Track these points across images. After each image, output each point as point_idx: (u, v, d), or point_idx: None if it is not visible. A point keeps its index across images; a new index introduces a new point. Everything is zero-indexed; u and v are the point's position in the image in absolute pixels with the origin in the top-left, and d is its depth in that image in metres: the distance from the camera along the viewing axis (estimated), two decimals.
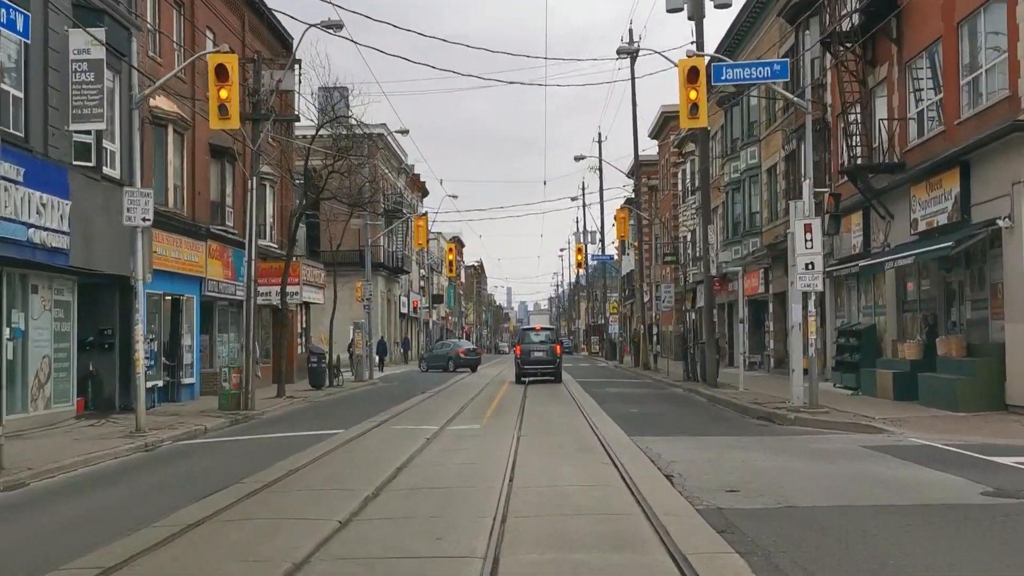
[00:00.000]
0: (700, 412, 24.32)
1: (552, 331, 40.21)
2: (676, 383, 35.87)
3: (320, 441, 18.06)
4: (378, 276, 65.55)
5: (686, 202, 57.50)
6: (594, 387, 35.32)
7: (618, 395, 30.98)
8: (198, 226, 31.03)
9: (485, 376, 47.22)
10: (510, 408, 25.55)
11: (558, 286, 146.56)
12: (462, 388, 36.94)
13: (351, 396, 34.23)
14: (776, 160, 38.00)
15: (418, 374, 53.53)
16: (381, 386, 41.81)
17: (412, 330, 76.12)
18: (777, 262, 37.67)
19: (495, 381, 41.48)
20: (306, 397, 32.15)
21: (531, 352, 38.25)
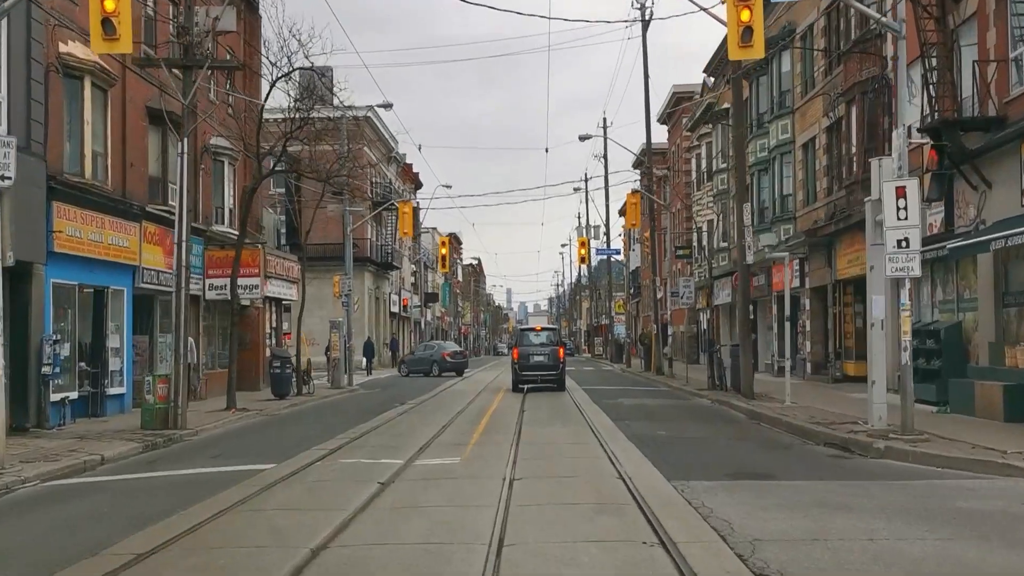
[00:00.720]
0: (747, 436, 18.84)
1: (554, 331, 34.76)
2: (699, 392, 30.42)
3: (232, 485, 12.64)
4: (364, 271, 60.13)
5: (701, 189, 52.02)
6: (604, 397, 29.88)
7: (635, 408, 25.52)
8: (129, 204, 25.56)
9: (478, 382, 41.77)
10: (503, 428, 20.08)
11: (558, 286, 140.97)
12: (450, 398, 31.47)
13: (316, 408, 28.76)
14: (815, 132, 32.54)
15: (409, 380, 48.02)
16: (360, 394, 36.36)
17: (403, 330, 70.64)
18: (816, 251, 32.20)
19: (489, 388, 36.02)
20: (262, 410, 26.68)
21: (530, 356, 32.82)
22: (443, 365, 49.88)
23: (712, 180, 48.29)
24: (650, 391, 33.50)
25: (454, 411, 25.03)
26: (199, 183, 31.58)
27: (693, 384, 34.03)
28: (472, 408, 26.23)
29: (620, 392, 32.76)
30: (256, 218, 36.95)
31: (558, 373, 32.74)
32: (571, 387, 34.36)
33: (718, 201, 47.39)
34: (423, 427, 20.58)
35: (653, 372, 43.83)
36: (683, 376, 39.40)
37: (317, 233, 60.94)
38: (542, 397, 30.15)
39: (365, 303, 60.03)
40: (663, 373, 42.30)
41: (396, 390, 37.69)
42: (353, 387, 39.25)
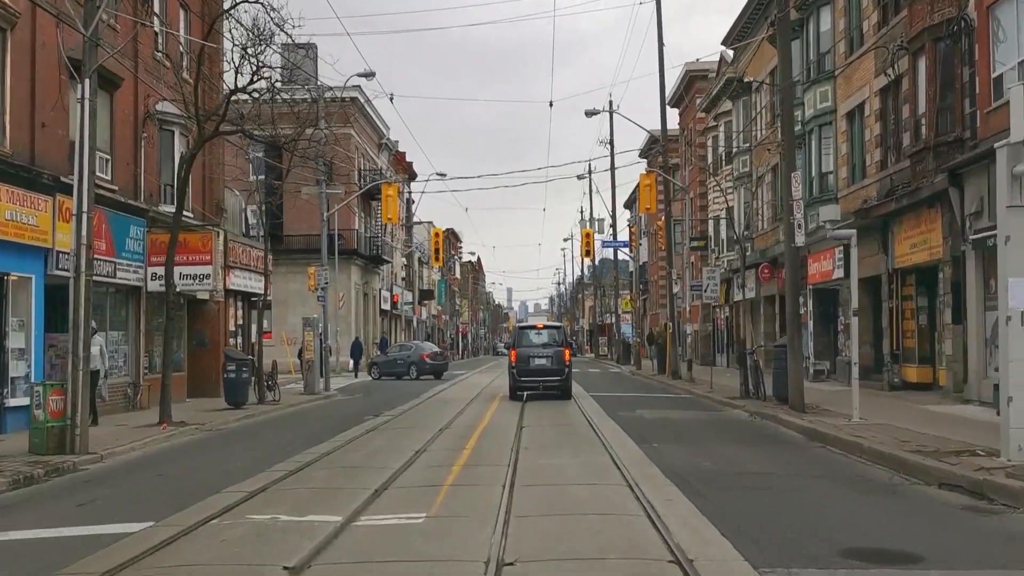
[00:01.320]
0: (824, 469, 13.91)
1: (558, 330, 29.80)
2: (731, 401, 25.51)
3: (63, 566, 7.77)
4: (351, 265, 55.22)
5: (719, 174, 47.09)
6: (618, 407, 25.00)
7: (661, 425, 20.60)
8: (38, 172, 20.64)
9: (471, 386, 36.84)
10: (494, 456, 15.17)
11: (559, 284, 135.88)
12: (435, 407, 26.56)
13: (272, 422, 23.83)
14: (864, 97, 27.61)
15: (391, 384, 43.08)
16: (334, 402, 31.47)
17: (395, 329, 65.72)
18: (865, 235, 27.22)
19: (483, 396, 31.11)
20: (204, 424, 21.76)
21: (530, 358, 27.90)
22: (421, 367, 45.03)
23: (732, 163, 43.37)
24: (671, 400, 28.55)
25: (436, 427, 20.12)
26: (140, 154, 26.70)
27: (720, 391, 29.11)
28: (459, 423, 21.29)
29: (636, 401, 27.84)
30: (216, 199, 32.08)
31: (563, 379, 27.84)
32: (578, 394, 29.45)
33: (739, 186, 42.49)
34: (390, 453, 15.68)
35: (668, 376, 38.90)
36: (705, 381, 34.47)
37: (300, 224, 56.17)
38: (545, 407, 25.27)
39: (352, 299, 55.12)
40: (680, 377, 37.38)
41: (378, 396, 32.82)
42: (330, 392, 34.36)
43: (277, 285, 54.30)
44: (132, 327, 26.00)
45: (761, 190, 40.00)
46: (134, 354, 25.85)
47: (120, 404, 24.97)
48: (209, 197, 31.61)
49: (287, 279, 54.39)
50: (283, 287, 54.30)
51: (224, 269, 32.25)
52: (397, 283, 65.26)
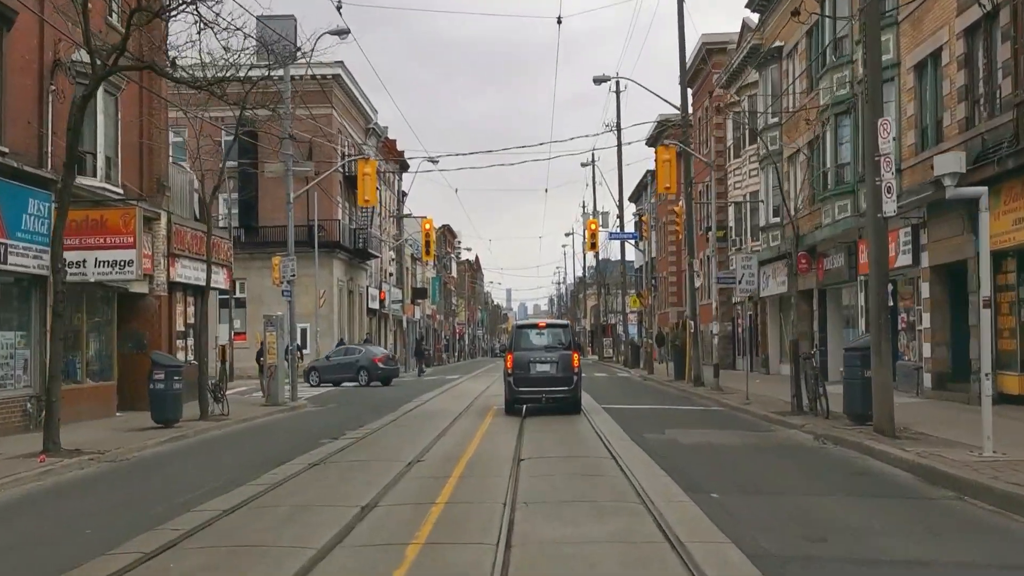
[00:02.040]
0: (1007, 551, 8.60)
1: (564, 329, 24.40)
2: (781, 418, 20.24)
3: None
4: (334, 259, 49.94)
5: (741, 155, 41.81)
6: (642, 425, 19.77)
7: (706, 455, 15.35)
8: None
9: (462, 395, 31.53)
10: (478, 520, 9.89)
11: (559, 284, 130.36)
12: (412, 427, 21.25)
13: (197, 448, 18.48)
14: (940, 43, 22.31)
15: (373, 392, 37.86)
16: (296, 416, 26.25)
17: (383, 330, 60.34)
18: (941, 213, 21.95)
19: (475, 408, 25.84)
20: (104, 453, 16.44)
21: (531, 364, 22.56)
22: (373, 372, 39.89)
23: (759, 140, 38.08)
24: (703, 415, 23.23)
25: (406, 457, 14.83)
26: (47, 112, 21.40)
27: (760, 403, 23.86)
28: (438, 452, 15.98)
29: (660, 416, 22.55)
30: (157, 175, 26.78)
31: (571, 390, 22.53)
32: (588, 406, 24.16)
33: (766, 167, 37.19)
34: (321, 512, 10.41)
35: (689, 382, 33.63)
36: (736, 390, 29.18)
37: (278, 214, 50.73)
38: (549, 426, 20.03)
39: (334, 297, 49.84)
40: (703, 384, 32.09)
41: (351, 408, 27.61)
42: (296, 402, 29.09)
43: (251, 281, 49.10)
44: (36, 326, 20.69)
45: (794, 169, 34.72)
46: (37, 360, 20.53)
47: (17, 423, 19.69)
48: (148, 171, 26.32)
49: (263, 274, 49.02)
50: (258, 283, 49.05)
51: (169, 258, 27.05)
52: (387, 280, 59.97)
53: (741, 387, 30.69)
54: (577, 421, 21.27)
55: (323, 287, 47.95)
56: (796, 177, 34.46)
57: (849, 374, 17.63)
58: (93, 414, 22.78)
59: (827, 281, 30.55)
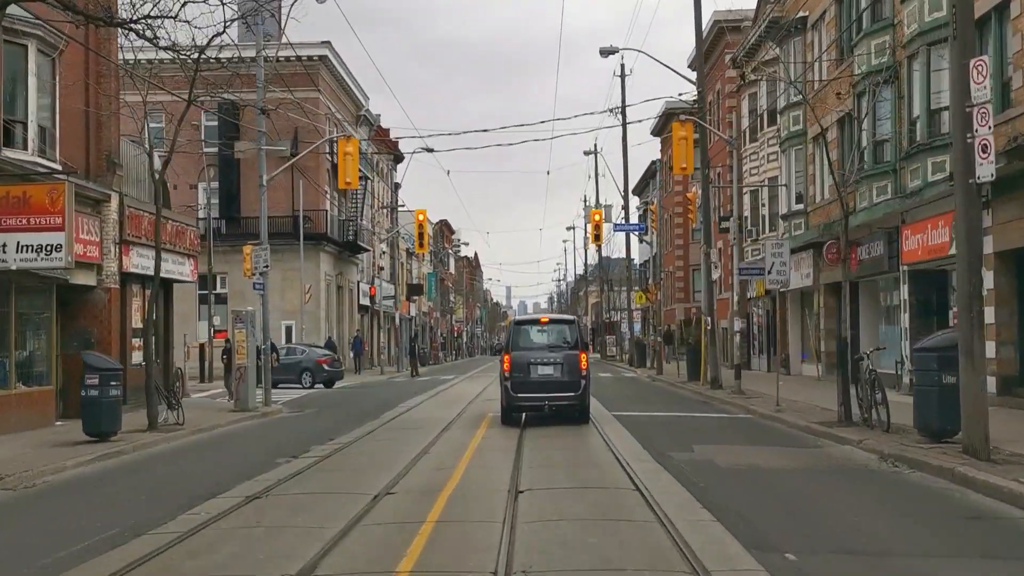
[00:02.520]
0: None
1: (569, 325, 20.83)
2: (827, 430, 17.01)
3: None
4: (320, 252, 46.65)
5: (758, 138, 38.54)
6: (663, 439, 16.55)
7: (753, 482, 12.08)
8: None
9: (457, 399, 28.23)
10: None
11: (559, 281, 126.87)
12: (391, 441, 17.95)
13: (123, 471, 15.12)
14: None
15: (352, 394, 34.63)
16: (265, 423, 23.03)
17: (375, 327, 56.93)
18: (1013, 187, 18.66)
19: (468, 416, 22.54)
20: (6, 479, 13.18)
21: (531, 366, 19.22)
22: (318, 374, 36.63)
23: (779, 120, 34.84)
24: (731, 424, 19.93)
25: (373, 487, 11.57)
26: None
27: (796, 411, 20.60)
28: (415, 479, 12.67)
29: (682, 426, 19.28)
30: (107, 151, 23.45)
31: (579, 395, 19.21)
32: (597, 413, 20.86)
33: (788, 149, 33.91)
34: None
35: (704, 384, 30.36)
36: (761, 393, 25.97)
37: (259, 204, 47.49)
38: (553, 441, 16.80)
39: (321, 292, 46.54)
40: (721, 386, 28.82)
41: (328, 415, 24.39)
42: (270, 408, 25.84)
43: (233, 275, 45.78)
44: None
45: (819, 151, 31.43)
46: None
47: None
48: (96, 146, 23.03)
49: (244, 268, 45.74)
50: (240, 277, 45.60)
51: (121, 245, 23.75)
52: (380, 276, 56.64)
53: (765, 390, 27.52)
54: (586, 433, 18.01)
55: (309, 282, 44.71)
56: (823, 159, 31.17)
57: (922, 380, 14.33)
58: (25, 424, 19.53)
59: (861, 272, 27.28)
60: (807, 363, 34.73)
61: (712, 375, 29.43)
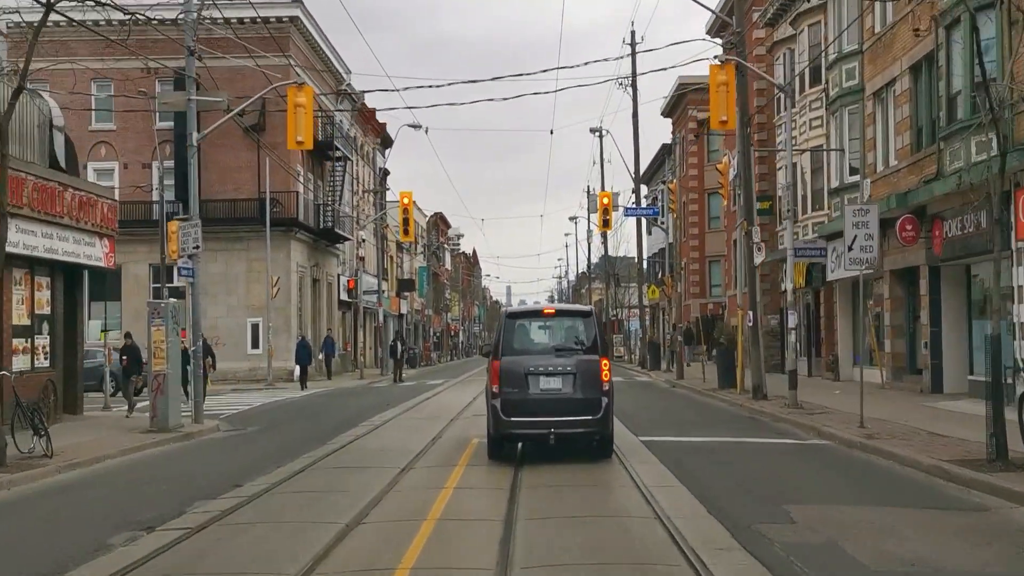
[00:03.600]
0: None
1: (584, 319, 14.32)
2: (976, 475, 11.12)
3: None
4: (291, 240, 40.71)
5: (798, 103, 32.55)
6: (734, 492, 10.76)
7: None
8: None
9: (439, 413, 22.16)
10: None
11: (562, 277, 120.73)
12: (326, 487, 11.98)
13: None
14: None
15: (331, 403, 28.74)
16: (183, 450, 17.21)
17: (356, 326, 50.76)
18: None
19: (447, 442, 16.52)
20: None
21: (531, 378, 13.23)
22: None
23: (828, 77, 28.87)
24: (817, 460, 13.90)
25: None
26: None
27: (895, 436, 14.69)
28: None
29: (749, 463, 13.35)
30: None
31: (598, 419, 13.18)
32: (618, 437, 14.86)
33: (839, 110, 27.95)
34: None
35: (742, 393, 24.47)
36: (826, 408, 20.07)
37: (225, 185, 41.53)
38: (561, 490, 11.11)
39: (292, 286, 40.59)
40: (765, 396, 22.90)
41: (271, 437, 18.70)
42: (202, 425, 19.97)
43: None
44: None
45: (882, 109, 25.50)
46: None
47: None
48: None
49: (206, 257, 39.41)
50: (200, 268, 39.48)
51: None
52: (364, 268, 50.55)
53: (823, 401, 21.68)
54: (611, 479, 12.14)
55: (278, 273, 38.78)
56: (887, 117, 25.22)
57: None
58: None
59: (949, 254, 21.31)
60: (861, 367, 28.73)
61: (754, 382, 23.48)
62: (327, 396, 30.95)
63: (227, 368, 39.37)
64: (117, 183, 39.98)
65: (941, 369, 22.40)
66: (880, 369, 25.53)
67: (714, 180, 51.59)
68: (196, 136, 21.77)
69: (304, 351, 38.02)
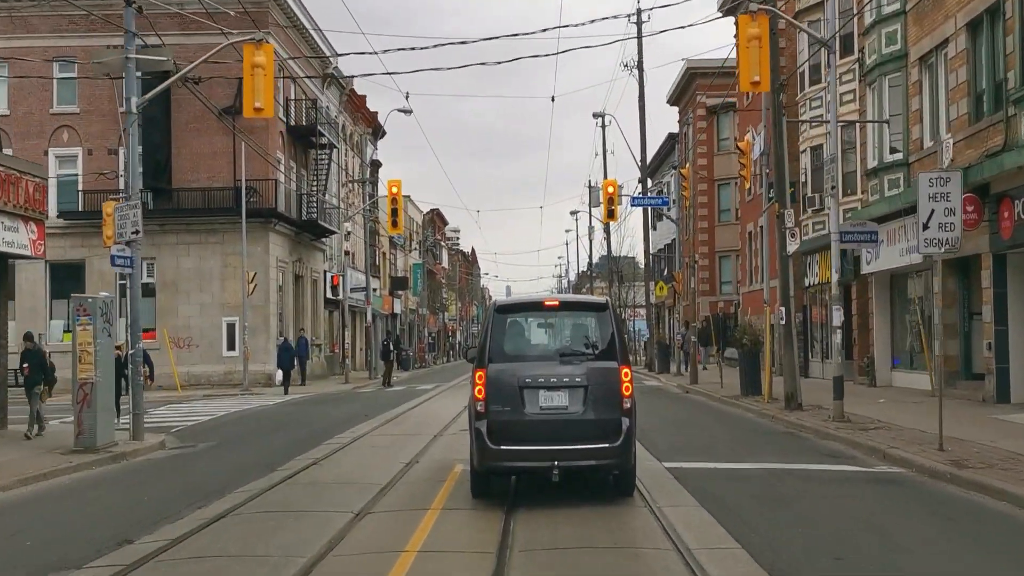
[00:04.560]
0: None
1: (598, 314, 10.89)
2: None
3: None
4: (270, 232, 37.36)
5: (822, 79, 29.17)
6: (824, 566, 7.20)
7: None
8: None
9: (421, 428, 18.75)
10: None
11: (561, 277, 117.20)
12: (244, 548, 8.53)
13: None
14: None
15: (305, 411, 25.42)
16: (112, 473, 14.06)
17: (340, 325, 47.24)
18: None
19: (419, 474, 13.13)
20: None
21: (527, 393, 9.99)
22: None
23: (866, 41, 25.49)
24: (916, 506, 10.45)
25: None
26: None
27: (978, 461, 11.36)
28: None
29: (823, 509, 9.99)
30: None
31: (617, 447, 9.80)
32: (644, 471, 11.49)
33: (878, 80, 24.57)
34: None
35: (770, 401, 21.16)
36: (883, 423, 16.72)
37: (199, 173, 37.86)
38: (568, 553, 7.47)
39: (271, 282, 37.20)
40: (800, 405, 19.61)
41: (218, 458, 15.63)
42: (142, 443, 16.73)
43: (163, 260, 36.49)
44: None
45: (929, 76, 22.14)
46: None
47: None
48: None
49: (177, 252, 36.56)
50: (172, 263, 36.55)
51: None
52: (353, 264, 47.14)
53: (871, 413, 18.30)
54: (634, 528, 8.91)
55: (255, 268, 35.39)
56: (939, 84, 21.86)
57: None
58: None
59: (1021, 239, 17.96)
60: (902, 370, 25.44)
61: (787, 390, 20.13)
62: (303, 404, 27.57)
63: (200, 372, 36.07)
64: (81, 170, 36.67)
65: (1008, 374, 19.04)
66: (930, 374, 22.14)
67: (725, 170, 48.25)
68: (135, 101, 18.35)
69: (286, 354, 34.87)
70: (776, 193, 20.75)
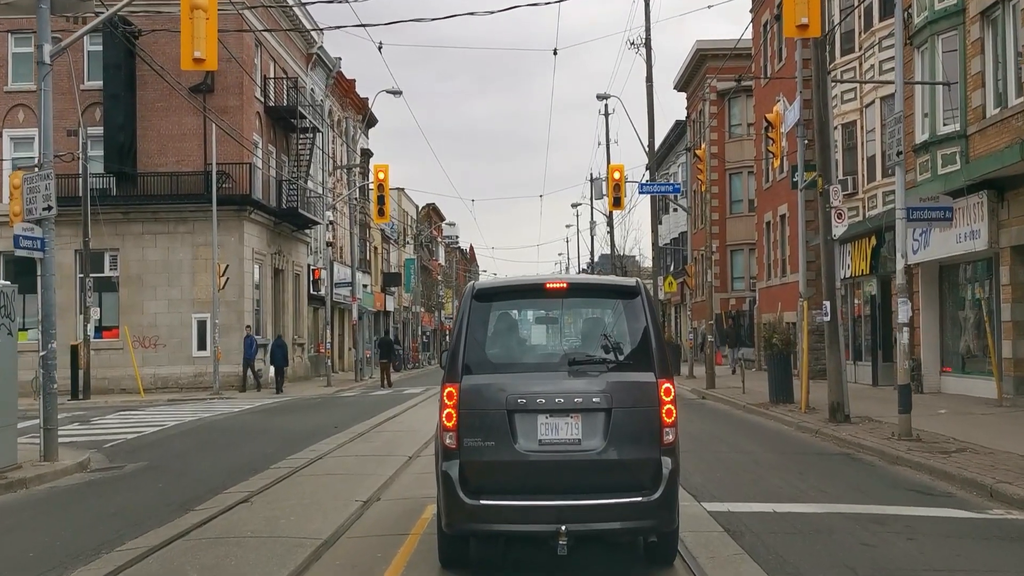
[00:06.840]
0: None
1: (627, 301, 7.30)
2: None
3: None
4: (244, 221, 33.97)
5: (857, 47, 25.96)
6: None
7: None
8: None
9: (394, 444, 15.39)
10: None
11: (564, 270, 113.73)
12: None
13: None
14: None
15: (270, 421, 22.05)
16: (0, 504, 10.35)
17: (321, 322, 43.76)
18: None
19: (382, 519, 9.78)
20: None
21: (521, 415, 6.70)
22: None
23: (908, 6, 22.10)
24: None
25: None
26: None
27: None
28: None
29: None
30: None
31: (657, 501, 6.52)
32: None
33: (928, 41, 21.21)
34: None
35: (809, 411, 17.87)
36: (965, 443, 13.37)
37: (166, 157, 34.47)
38: None
39: (246, 276, 33.79)
40: (848, 418, 16.37)
41: (136, 488, 12.32)
42: (57, 464, 13.45)
43: (128, 252, 33.08)
44: None
45: (996, 31, 18.77)
46: None
47: None
48: None
49: (143, 242, 33.19)
50: (137, 255, 33.17)
51: None
52: (343, 259, 43.71)
53: (936, 427, 14.98)
54: None
55: (228, 260, 32.02)
56: (1007, 42, 18.48)
57: None
58: None
59: None
60: (954, 375, 22.06)
61: (832, 399, 16.80)
62: (271, 412, 24.19)
63: (168, 374, 32.72)
64: (38, 153, 33.23)
65: None
66: (997, 381, 18.77)
67: (737, 157, 44.94)
68: (48, 49, 14.91)
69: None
70: (819, 165, 17.34)
